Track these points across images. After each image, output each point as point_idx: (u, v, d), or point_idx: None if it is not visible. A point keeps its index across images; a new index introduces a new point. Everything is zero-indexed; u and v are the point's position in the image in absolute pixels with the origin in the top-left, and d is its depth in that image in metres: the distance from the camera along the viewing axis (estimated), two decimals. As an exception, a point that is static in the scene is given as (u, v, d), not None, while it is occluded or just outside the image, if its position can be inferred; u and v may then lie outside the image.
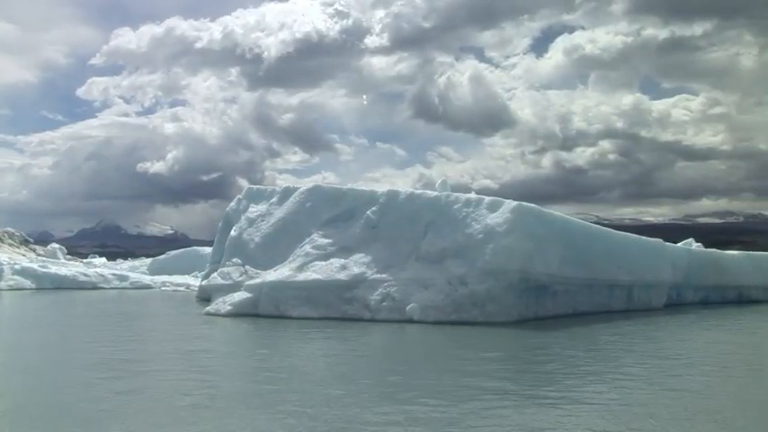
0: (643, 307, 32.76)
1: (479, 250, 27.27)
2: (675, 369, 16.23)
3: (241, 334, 26.36)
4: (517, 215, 27.24)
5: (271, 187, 38.42)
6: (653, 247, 34.25)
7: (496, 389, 13.56)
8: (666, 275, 34.21)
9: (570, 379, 14.82)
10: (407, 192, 31.78)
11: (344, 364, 17.64)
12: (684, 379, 14.94)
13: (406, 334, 24.93)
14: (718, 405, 12.42)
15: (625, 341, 21.98)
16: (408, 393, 13.16)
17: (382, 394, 13.23)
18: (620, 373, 15.67)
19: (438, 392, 13.24)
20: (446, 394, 13.09)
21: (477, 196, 29.42)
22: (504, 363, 17.85)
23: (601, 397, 12.87)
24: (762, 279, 40.46)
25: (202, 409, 12.02)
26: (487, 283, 26.79)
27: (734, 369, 16.54)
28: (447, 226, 29.05)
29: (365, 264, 30.47)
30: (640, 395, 13.09)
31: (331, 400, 12.65)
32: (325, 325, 27.25)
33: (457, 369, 16.38)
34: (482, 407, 12.05)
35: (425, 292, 28.04)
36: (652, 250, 33.92)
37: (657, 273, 33.61)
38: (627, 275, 31.78)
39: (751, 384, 14.60)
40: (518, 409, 11.86)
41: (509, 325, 25.95)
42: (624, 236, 33.38)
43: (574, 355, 18.65)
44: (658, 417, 11.30)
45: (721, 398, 13.10)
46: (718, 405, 12.41)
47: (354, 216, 32.84)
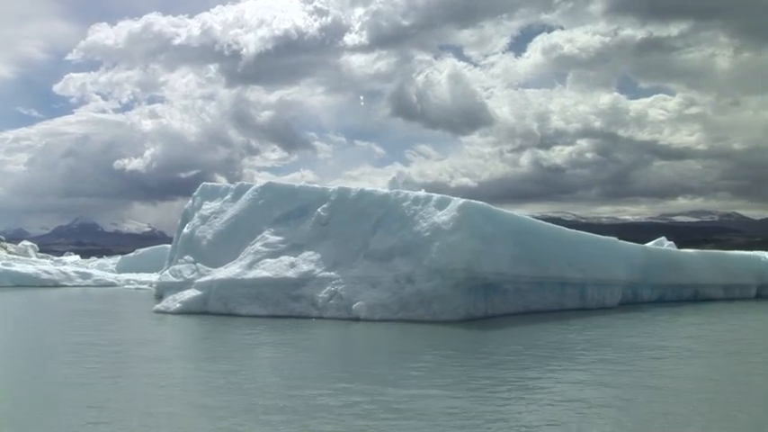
0: (597, 305, 32.57)
1: (426, 248, 27.00)
2: (602, 368, 16.00)
3: (182, 332, 25.99)
4: (464, 213, 26.95)
5: (225, 185, 37.92)
6: (606, 245, 34.08)
7: (418, 384, 13.27)
8: (621, 274, 34.05)
9: (499, 373, 14.55)
10: (358, 189, 31.45)
11: (264, 366, 17.27)
12: (612, 377, 14.69)
13: (345, 333, 24.57)
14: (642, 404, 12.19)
15: (567, 339, 21.74)
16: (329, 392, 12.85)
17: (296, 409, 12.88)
18: (546, 371, 15.43)
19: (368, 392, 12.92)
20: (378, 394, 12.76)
21: (425, 194, 29.13)
22: (436, 359, 17.53)
23: (524, 392, 12.61)
24: (718, 277, 40.46)
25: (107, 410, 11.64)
26: (434, 281, 26.52)
27: (657, 369, 16.31)
28: (396, 224, 28.77)
29: (314, 261, 30.17)
30: (565, 390, 12.87)
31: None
32: (271, 323, 27.00)
33: (386, 370, 16.06)
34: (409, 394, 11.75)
35: (372, 291, 27.75)
36: (606, 249, 33.74)
37: (611, 271, 33.42)
38: (579, 274, 31.58)
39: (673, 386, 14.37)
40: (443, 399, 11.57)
41: (455, 323, 25.70)
42: (577, 234, 33.21)
43: (510, 353, 18.40)
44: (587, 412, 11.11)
45: (644, 394, 12.86)
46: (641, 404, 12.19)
47: (306, 214, 32.49)
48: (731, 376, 15.48)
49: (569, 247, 31.63)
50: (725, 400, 12.66)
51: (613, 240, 34.81)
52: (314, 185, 34.33)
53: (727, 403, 12.46)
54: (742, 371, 16.40)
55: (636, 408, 11.95)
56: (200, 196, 38.08)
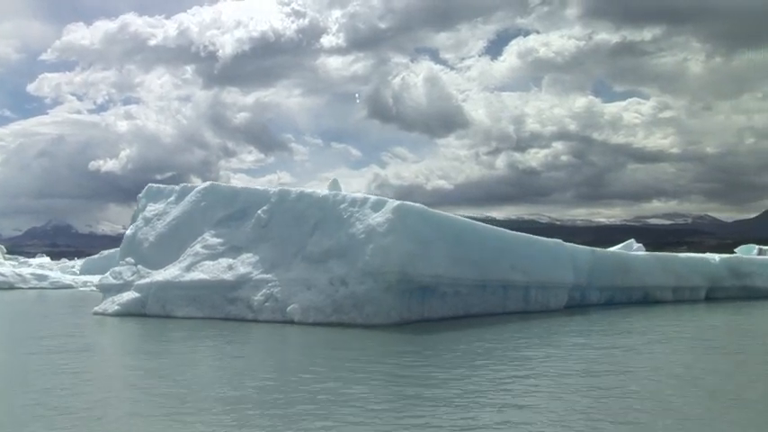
0: (541, 308, 32.34)
1: (360, 251, 26.61)
2: (520, 371, 15.70)
3: (113, 335, 25.52)
4: (398, 215, 26.60)
5: (170, 186, 37.32)
6: (551, 247, 33.83)
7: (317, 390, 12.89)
8: (566, 276, 33.82)
9: (401, 380, 14.22)
10: (298, 191, 31.02)
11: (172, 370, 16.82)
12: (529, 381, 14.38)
13: (273, 336, 24.20)
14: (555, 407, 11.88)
15: (495, 344, 21.41)
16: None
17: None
18: (466, 374, 15.10)
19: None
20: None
21: (362, 195, 28.76)
22: (342, 364, 17.15)
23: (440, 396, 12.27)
24: (668, 280, 40.37)
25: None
26: (367, 284, 26.16)
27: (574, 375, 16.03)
28: (333, 226, 28.37)
29: (252, 264, 29.79)
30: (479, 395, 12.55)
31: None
32: (205, 325, 26.81)
33: (284, 376, 15.68)
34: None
35: (307, 293, 27.40)
36: (550, 251, 33.49)
37: (556, 274, 33.19)
38: (523, 277, 31.30)
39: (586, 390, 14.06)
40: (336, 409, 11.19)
41: (388, 327, 25.36)
42: (520, 236, 32.95)
43: (427, 357, 18.08)
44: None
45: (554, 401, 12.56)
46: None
47: (247, 216, 32.07)
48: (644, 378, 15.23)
49: (513, 250, 31.33)
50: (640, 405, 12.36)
51: (559, 243, 34.59)
52: (256, 187, 33.83)
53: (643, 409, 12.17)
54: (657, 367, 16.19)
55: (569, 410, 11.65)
56: (144, 198, 37.48)
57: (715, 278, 43.16)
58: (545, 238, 34.56)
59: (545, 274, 32.61)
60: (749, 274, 44.64)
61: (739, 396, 13.39)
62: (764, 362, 19.15)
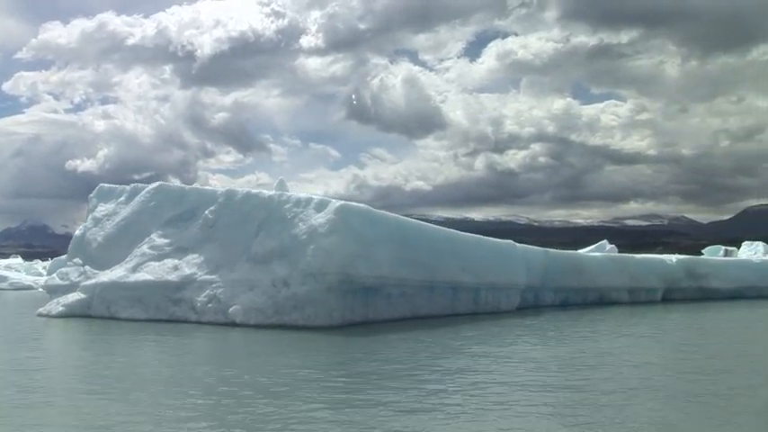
0: (492, 310, 32.16)
1: (302, 251, 26.37)
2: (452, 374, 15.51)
3: (49, 335, 25.07)
4: (340, 215, 26.36)
5: (121, 186, 36.88)
6: (502, 248, 33.70)
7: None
8: (518, 278, 33.70)
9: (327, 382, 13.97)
10: (244, 191, 30.75)
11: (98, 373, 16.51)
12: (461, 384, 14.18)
13: (205, 339, 23.85)
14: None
15: (435, 345, 21.24)
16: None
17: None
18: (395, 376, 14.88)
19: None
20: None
21: (306, 196, 28.52)
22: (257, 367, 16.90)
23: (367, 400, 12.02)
24: (624, 281, 40.32)
25: None
26: (308, 285, 25.92)
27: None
28: (277, 227, 28.12)
29: (197, 265, 29.50)
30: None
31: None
32: (145, 328, 26.65)
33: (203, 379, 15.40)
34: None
35: (250, 294, 27.12)
36: (501, 252, 33.36)
37: (507, 275, 33.05)
38: (472, 278, 31.11)
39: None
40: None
41: (330, 328, 25.13)
42: (470, 237, 32.83)
43: (356, 360, 17.87)
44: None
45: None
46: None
47: (195, 216, 31.81)
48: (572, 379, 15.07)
49: (462, 251, 31.17)
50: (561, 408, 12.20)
51: (511, 244, 34.47)
52: (205, 188, 33.51)
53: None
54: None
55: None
56: (96, 198, 37.03)
57: (671, 279, 43.17)
58: (497, 239, 34.45)
59: (496, 276, 32.45)
60: (705, 276, 44.70)
61: (702, 399, 13.10)
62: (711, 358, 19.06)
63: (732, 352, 20.65)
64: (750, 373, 16.16)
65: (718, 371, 16.41)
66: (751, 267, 48.41)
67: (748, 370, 16.54)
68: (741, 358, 19.01)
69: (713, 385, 14.18)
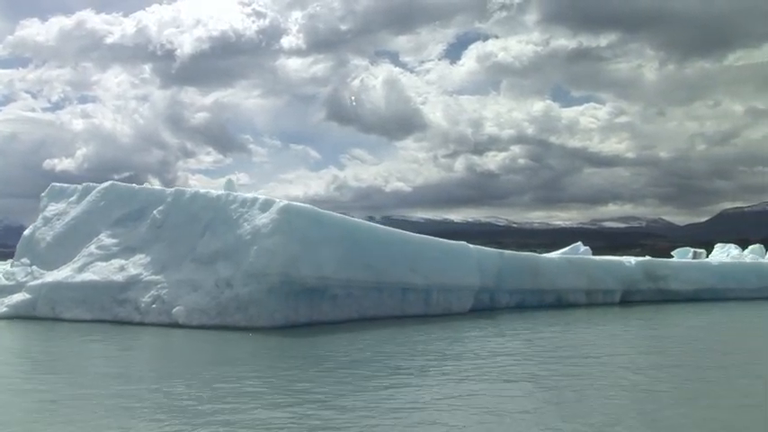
0: (443, 311, 31.99)
1: (245, 252, 26.21)
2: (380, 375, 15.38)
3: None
4: (284, 216, 26.21)
5: (73, 185, 36.46)
6: (455, 250, 33.57)
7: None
8: (471, 279, 33.54)
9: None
10: (192, 191, 30.52)
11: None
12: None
13: (143, 339, 23.68)
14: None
15: (373, 346, 21.14)
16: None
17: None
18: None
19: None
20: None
21: (252, 196, 28.33)
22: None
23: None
24: (581, 283, 40.29)
25: None
26: (250, 285, 25.72)
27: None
28: (222, 227, 27.95)
29: (143, 265, 29.21)
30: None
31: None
32: (88, 328, 26.44)
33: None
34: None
35: (193, 295, 26.88)
36: (453, 253, 33.23)
37: (459, 276, 32.87)
38: (423, 279, 30.97)
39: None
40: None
41: (271, 330, 24.95)
42: (421, 238, 32.72)
43: (288, 360, 17.72)
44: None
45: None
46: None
47: (144, 216, 31.51)
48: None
49: (412, 252, 31.05)
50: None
51: (464, 245, 34.37)
52: (154, 187, 33.20)
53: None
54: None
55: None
56: (47, 197, 36.57)
57: (630, 281, 43.23)
58: (450, 240, 34.36)
59: (447, 277, 32.28)
60: (664, 277, 44.84)
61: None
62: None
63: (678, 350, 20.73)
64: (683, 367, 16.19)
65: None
66: (711, 270, 48.62)
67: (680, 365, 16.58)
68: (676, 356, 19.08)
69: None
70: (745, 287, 48.80)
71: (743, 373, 16.87)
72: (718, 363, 19.01)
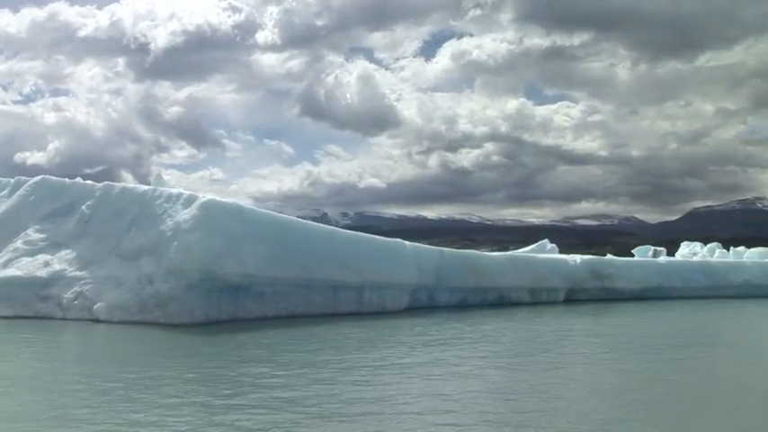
0: (377, 310, 31.72)
1: (166, 248, 25.87)
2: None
3: None
4: (205, 211, 25.95)
5: (6, 179, 35.82)
6: (390, 247, 33.37)
7: None
8: (408, 277, 33.30)
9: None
10: (121, 186, 30.10)
11: None
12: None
13: (59, 336, 23.26)
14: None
15: (282, 345, 20.92)
16: None
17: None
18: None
19: None
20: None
21: (177, 191, 27.99)
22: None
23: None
24: (524, 281, 40.19)
25: None
26: (170, 282, 25.44)
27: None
28: (147, 222, 27.67)
29: (68, 261, 28.78)
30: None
31: None
32: (8, 325, 25.68)
33: None
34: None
35: (116, 291, 26.57)
36: (389, 251, 33.01)
37: (393, 274, 32.62)
38: (355, 276, 30.74)
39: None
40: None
41: (190, 327, 24.66)
42: (353, 235, 32.53)
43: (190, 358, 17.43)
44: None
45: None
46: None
47: (73, 211, 31.06)
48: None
49: (345, 250, 30.82)
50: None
51: (400, 242, 34.18)
52: (85, 182, 32.67)
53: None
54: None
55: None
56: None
57: (575, 279, 43.26)
58: (385, 237, 34.18)
59: (382, 275, 32.03)
60: (609, 276, 44.97)
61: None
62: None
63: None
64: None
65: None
66: (656, 268, 48.89)
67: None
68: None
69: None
70: (691, 286, 49.14)
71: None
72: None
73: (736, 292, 50.33)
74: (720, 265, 52.62)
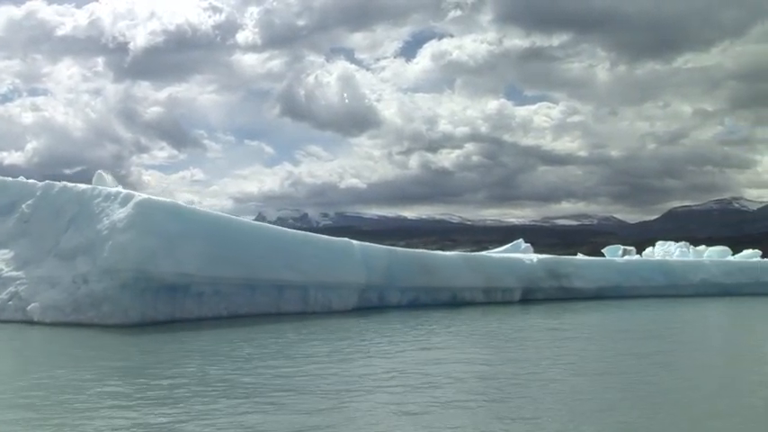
0: (323, 310, 31.58)
1: (101, 247, 25.61)
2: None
3: None
4: (140, 210, 25.73)
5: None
6: (337, 246, 33.24)
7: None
8: (355, 276, 33.17)
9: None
10: (61, 185, 29.80)
11: None
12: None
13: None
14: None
15: (213, 345, 20.77)
16: None
17: None
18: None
19: None
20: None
21: (116, 190, 27.73)
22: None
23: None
24: (477, 281, 40.12)
25: None
26: (104, 282, 25.20)
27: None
28: (85, 221, 27.40)
29: (5, 260, 28.59)
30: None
31: None
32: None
33: None
34: None
35: (51, 291, 26.30)
36: (334, 250, 32.86)
37: (340, 273, 32.49)
38: (300, 276, 30.59)
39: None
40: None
41: (125, 328, 24.46)
42: (298, 234, 32.39)
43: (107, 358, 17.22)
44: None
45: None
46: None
47: (14, 209, 30.74)
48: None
49: (289, 249, 30.67)
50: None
51: (347, 242, 34.06)
52: (29, 180, 32.31)
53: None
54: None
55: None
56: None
57: (531, 279, 43.22)
58: (332, 237, 34.08)
59: (328, 274, 31.89)
60: (567, 275, 44.99)
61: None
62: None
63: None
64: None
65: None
66: (615, 268, 49.07)
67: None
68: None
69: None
70: (650, 285, 49.34)
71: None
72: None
73: (695, 290, 50.62)
74: (679, 264, 52.89)
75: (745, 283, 52.70)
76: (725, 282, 52.09)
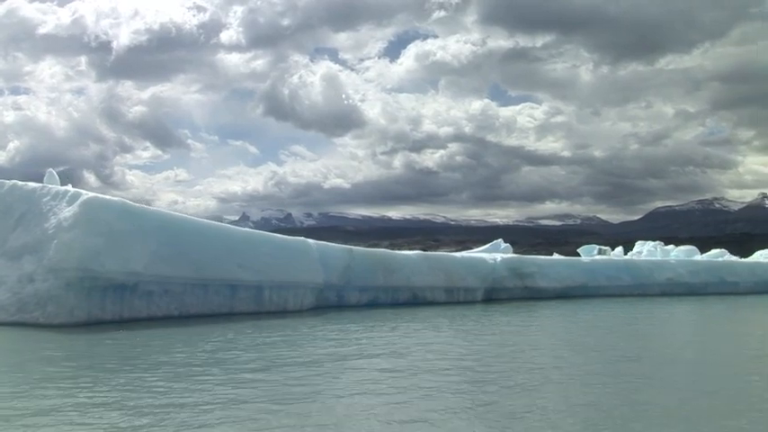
0: (277, 309, 31.52)
1: (47, 246, 25.51)
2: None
3: None
4: (86, 209, 25.63)
5: None
6: (291, 246, 33.21)
7: None
8: (310, 276, 33.11)
9: None
10: (11, 183, 29.59)
11: None
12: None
13: None
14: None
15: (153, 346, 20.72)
16: None
17: None
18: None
19: None
20: None
21: (64, 188, 27.63)
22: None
23: None
24: (438, 280, 40.14)
25: None
26: (49, 281, 25.06)
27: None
28: (33, 220, 27.25)
29: (-46, 260, 28.12)
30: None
31: None
32: None
33: None
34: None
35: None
36: (290, 249, 32.83)
37: (295, 273, 32.45)
38: (253, 275, 30.54)
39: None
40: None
41: (70, 327, 24.26)
42: (252, 233, 32.41)
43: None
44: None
45: None
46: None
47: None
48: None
49: (242, 248, 30.62)
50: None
51: (303, 241, 34.05)
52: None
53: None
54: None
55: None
56: None
57: (494, 279, 43.36)
58: (288, 236, 34.08)
59: (283, 274, 31.86)
60: (531, 275, 45.18)
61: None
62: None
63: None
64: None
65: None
66: (580, 267, 49.39)
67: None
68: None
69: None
70: (616, 284, 49.73)
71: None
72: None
73: (661, 290, 51.10)
74: (645, 263, 53.29)
75: (711, 282, 53.23)
76: (691, 281, 52.59)
